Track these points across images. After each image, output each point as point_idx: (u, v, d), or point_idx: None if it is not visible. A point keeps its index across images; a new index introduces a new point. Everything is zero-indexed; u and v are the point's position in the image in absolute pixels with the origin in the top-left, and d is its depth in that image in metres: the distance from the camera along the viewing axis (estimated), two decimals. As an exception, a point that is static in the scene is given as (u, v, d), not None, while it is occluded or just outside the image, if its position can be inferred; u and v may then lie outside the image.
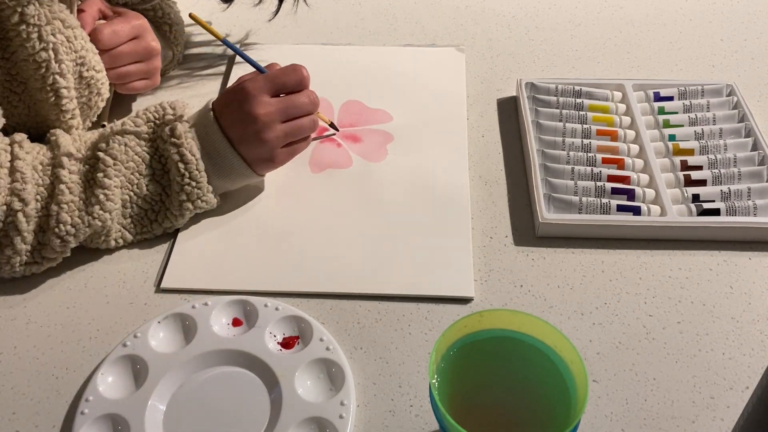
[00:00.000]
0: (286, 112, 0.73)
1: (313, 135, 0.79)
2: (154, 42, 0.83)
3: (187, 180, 0.71)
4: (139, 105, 0.90)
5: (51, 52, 0.69)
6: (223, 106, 0.73)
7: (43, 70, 0.70)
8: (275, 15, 0.88)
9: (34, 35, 0.68)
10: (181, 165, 0.71)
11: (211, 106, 0.73)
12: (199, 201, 0.72)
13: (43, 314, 0.68)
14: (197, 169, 0.71)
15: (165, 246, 0.74)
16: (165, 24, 0.89)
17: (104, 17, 0.81)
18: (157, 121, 0.73)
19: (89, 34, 0.77)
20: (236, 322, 0.66)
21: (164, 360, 0.62)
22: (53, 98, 0.71)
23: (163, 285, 0.70)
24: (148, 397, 0.60)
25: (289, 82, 0.73)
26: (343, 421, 0.58)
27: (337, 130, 0.86)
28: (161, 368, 0.62)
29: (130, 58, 0.81)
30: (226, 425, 0.59)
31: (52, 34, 0.69)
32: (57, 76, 0.70)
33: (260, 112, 0.71)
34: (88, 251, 0.72)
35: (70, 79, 0.72)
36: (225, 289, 0.70)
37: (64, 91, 0.71)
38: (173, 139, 0.71)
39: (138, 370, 0.62)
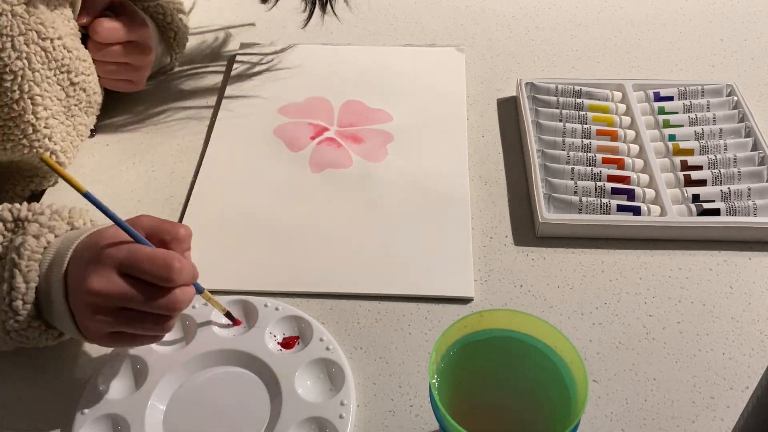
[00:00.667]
0: (130, 301, 0.56)
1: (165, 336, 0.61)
2: (150, 52, 0.83)
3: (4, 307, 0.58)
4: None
5: (25, 61, 0.70)
6: (82, 248, 0.58)
7: (19, 78, 0.70)
8: (306, 23, 0.86)
9: (8, 45, 0.69)
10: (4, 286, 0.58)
11: (73, 247, 0.59)
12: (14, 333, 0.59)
13: (43, 314, 0.68)
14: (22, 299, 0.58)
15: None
16: (171, 30, 0.90)
17: (113, 9, 0.81)
18: (19, 222, 0.61)
19: (90, 25, 0.77)
20: (236, 322, 0.66)
21: (164, 360, 0.62)
22: (31, 105, 0.72)
23: (163, 285, 0.70)
24: (148, 397, 0.60)
25: (148, 272, 0.55)
26: (343, 421, 0.58)
27: (234, 323, 0.66)
28: (161, 368, 0.62)
29: (120, 58, 0.81)
30: (226, 425, 0.59)
31: (26, 44, 0.70)
32: (32, 83, 0.71)
33: (95, 286, 0.55)
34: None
35: (45, 87, 0.73)
36: (225, 289, 0.70)
37: (38, 98, 0.72)
38: (14, 254, 0.58)
39: (138, 370, 0.62)
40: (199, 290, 0.61)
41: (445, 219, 0.76)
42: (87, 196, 0.56)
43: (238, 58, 0.97)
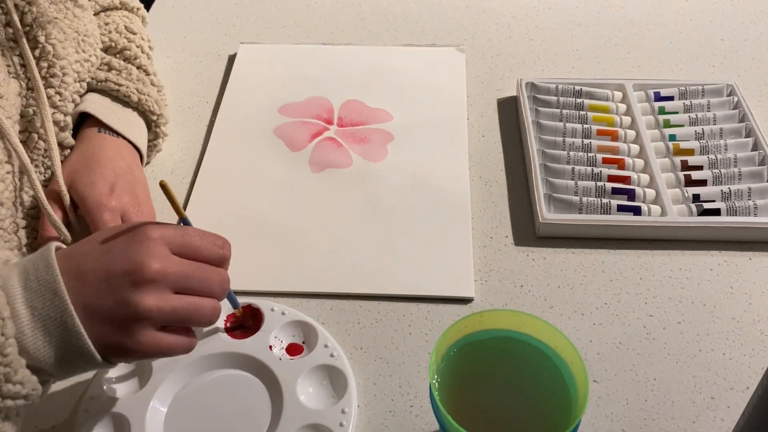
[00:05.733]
0: (188, 278, 0.51)
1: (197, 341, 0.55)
2: (148, 209, 0.72)
3: None
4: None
5: None
6: (88, 246, 0.51)
7: None
8: None
9: None
10: None
11: (54, 248, 0.50)
12: (8, 385, 0.47)
13: (43, 314, 0.68)
14: (2, 334, 0.46)
15: (165, 246, 0.74)
16: (154, 120, 0.80)
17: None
18: None
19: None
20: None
21: (168, 360, 0.62)
22: None
23: (163, 285, 0.70)
24: (150, 397, 0.60)
25: (205, 250, 0.53)
26: (343, 430, 0.58)
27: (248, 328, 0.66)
28: (165, 368, 0.62)
29: None
30: (226, 427, 0.59)
31: None
32: None
33: (154, 265, 0.49)
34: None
35: None
36: (225, 289, 0.70)
37: None
38: None
39: (142, 369, 0.62)
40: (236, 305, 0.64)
41: (445, 219, 0.76)
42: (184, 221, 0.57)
43: (238, 57, 0.97)
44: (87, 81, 0.75)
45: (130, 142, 0.76)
